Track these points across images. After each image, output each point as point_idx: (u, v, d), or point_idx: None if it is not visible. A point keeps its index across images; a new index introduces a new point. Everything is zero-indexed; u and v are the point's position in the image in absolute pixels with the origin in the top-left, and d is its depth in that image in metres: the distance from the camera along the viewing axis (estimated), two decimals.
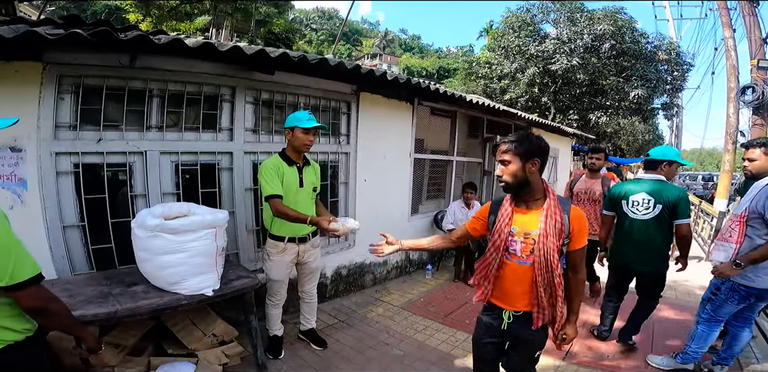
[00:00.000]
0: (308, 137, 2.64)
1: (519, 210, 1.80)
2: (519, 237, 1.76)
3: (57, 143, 2.38)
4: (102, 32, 2.05)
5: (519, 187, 1.73)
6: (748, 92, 6.98)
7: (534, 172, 1.70)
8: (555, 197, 1.75)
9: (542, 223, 1.70)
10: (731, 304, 2.59)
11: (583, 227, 1.77)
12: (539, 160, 1.70)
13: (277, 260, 2.76)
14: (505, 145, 1.73)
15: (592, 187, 4.12)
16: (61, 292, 2.11)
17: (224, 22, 19.36)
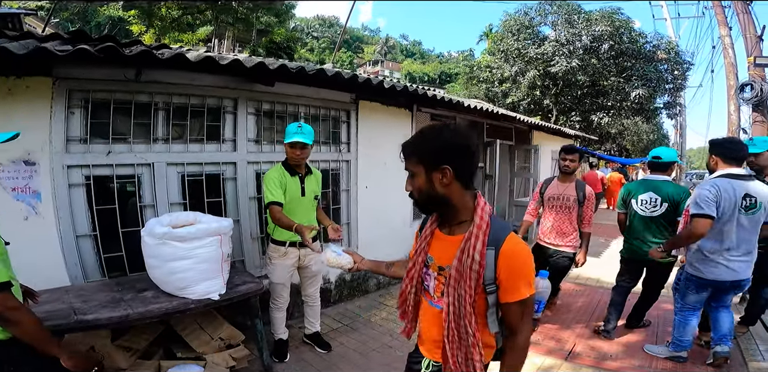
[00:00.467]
0: (294, 151, 2.69)
1: (441, 234, 1.32)
2: (434, 271, 1.31)
3: (69, 156, 2.50)
4: (108, 48, 2.15)
5: (431, 205, 1.27)
6: (747, 89, 7.00)
7: (449, 185, 1.18)
8: (486, 222, 1.20)
9: (455, 259, 1.20)
10: (692, 292, 2.85)
11: (518, 271, 1.17)
12: (452, 166, 1.16)
13: (278, 264, 2.86)
14: (406, 149, 1.26)
15: (565, 193, 3.53)
16: (75, 297, 2.22)
17: (226, 32, 19.66)
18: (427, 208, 1.32)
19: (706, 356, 3.04)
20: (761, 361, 3.02)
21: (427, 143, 1.20)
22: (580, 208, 3.48)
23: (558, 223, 3.54)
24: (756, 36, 7.01)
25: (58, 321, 1.96)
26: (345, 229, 4.22)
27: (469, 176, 1.22)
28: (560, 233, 3.53)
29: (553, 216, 3.57)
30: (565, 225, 3.53)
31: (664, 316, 3.84)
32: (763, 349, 3.20)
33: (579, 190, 3.49)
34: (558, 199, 3.56)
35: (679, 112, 17.04)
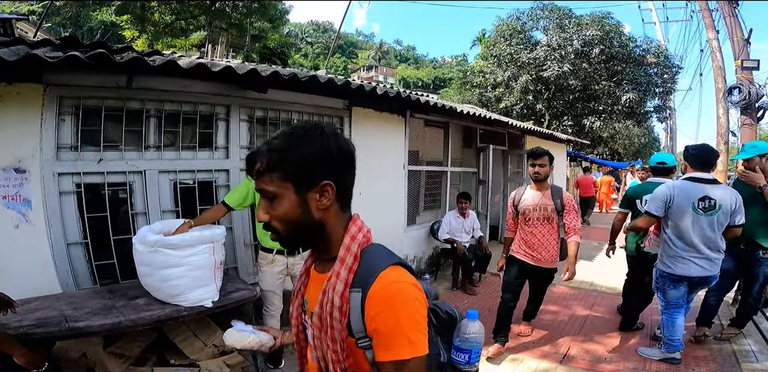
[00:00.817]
0: None
1: (314, 272, 0.99)
2: (309, 317, 0.94)
3: (59, 164, 2.49)
4: (99, 55, 2.14)
5: (301, 238, 0.91)
6: (735, 92, 7.09)
7: (328, 208, 0.87)
8: (354, 254, 0.87)
9: (317, 304, 0.87)
10: (669, 289, 2.96)
11: (392, 322, 0.78)
12: (334, 182, 0.86)
13: (267, 271, 2.87)
14: (260, 160, 0.84)
15: (542, 202, 3.12)
16: (67, 305, 2.21)
17: (219, 37, 19.69)
18: (296, 243, 0.94)
19: (699, 358, 3.09)
20: (755, 363, 3.04)
21: (300, 150, 0.83)
22: (561, 218, 3.14)
23: (539, 237, 3.14)
24: (743, 39, 7.12)
25: (49, 328, 1.94)
26: None
27: (350, 194, 0.96)
28: (540, 247, 3.13)
29: (533, 229, 3.14)
30: (546, 238, 3.13)
31: None
32: (756, 350, 3.23)
33: (556, 197, 3.12)
34: (535, 211, 3.13)
35: (669, 115, 17.27)
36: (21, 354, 1.63)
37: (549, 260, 3.15)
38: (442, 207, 6.02)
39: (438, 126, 6.00)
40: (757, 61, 6.98)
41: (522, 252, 3.19)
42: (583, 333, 3.62)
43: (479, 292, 4.79)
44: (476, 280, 5.07)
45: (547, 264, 3.16)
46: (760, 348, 3.26)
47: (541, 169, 3.07)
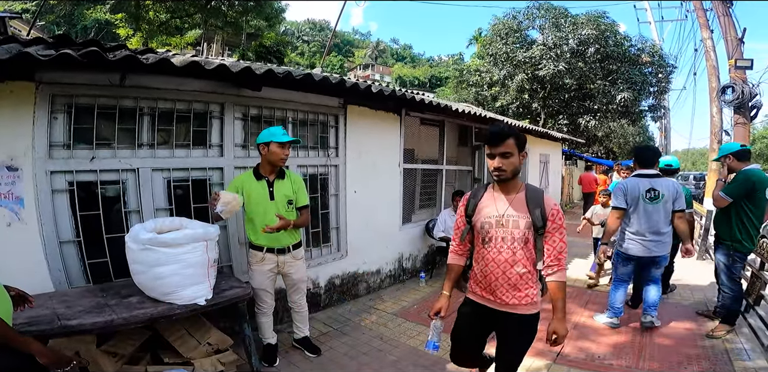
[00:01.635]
0: (284, 151, 2.76)
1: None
2: None
3: (52, 162, 2.48)
4: (91, 53, 2.14)
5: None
6: (728, 92, 7.13)
7: None
8: None
9: None
10: (620, 265, 3.65)
11: None
12: None
13: (256, 269, 2.87)
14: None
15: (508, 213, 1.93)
16: (59, 303, 2.21)
17: (215, 36, 19.60)
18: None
19: (692, 356, 3.13)
20: (747, 361, 3.05)
21: None
22: (539, 237, 1.90)
23: (503, 270, 1.93)
24: (737, 38, 7.15)
25: (42, 326, 1.94)
26: (334, 233, 4.22)
27: None
28: (506, 286, 1.94)
29: (495, 256, 1.93)
30: (514, 273, 1.92)
31: None
32: (749, 348, 3.25)
33: (532, 203, 1.90)
34: (499, 226, 1.91)
35: (664, 114, 17.32)
36: (43, 353, 1.57)
37: (523, 304, 1.95)
38: (438, 205, 6.03)
39: (433, 124, 6.01)
40: (750, 61, 7.02)
41: (479, 290, 2.05)
42: (577, 331, 3.64)
43: None
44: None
45: (523, 308, 1.97)
46: (752, 346, 3.28)
47: (504, 161, 1.83)
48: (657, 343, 3.40)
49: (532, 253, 1.91)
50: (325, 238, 4.15)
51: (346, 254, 4.30)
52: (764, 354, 3.09)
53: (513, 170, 1.87)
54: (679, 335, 3.55)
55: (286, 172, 2.95)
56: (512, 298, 1.94)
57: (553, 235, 1.90)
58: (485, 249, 1.96)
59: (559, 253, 1.90)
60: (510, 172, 1.86)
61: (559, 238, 1.90)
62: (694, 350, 3.25)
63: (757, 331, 3.42)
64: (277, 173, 2.88)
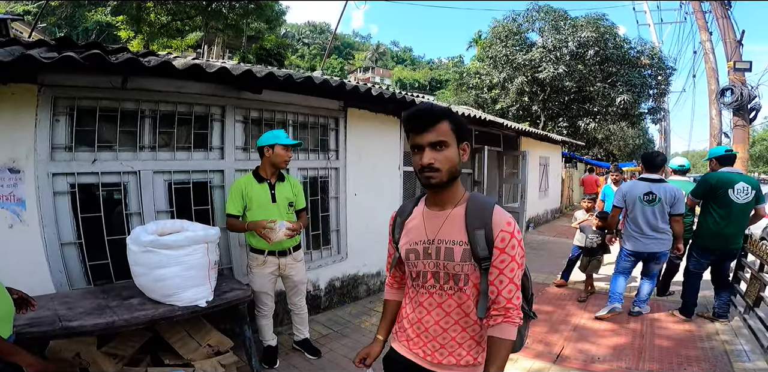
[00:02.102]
0: (288, 153, 2.80)
1: None
2: None
3: (53, 164, 2.49)
4: (94, 55, 2.15)
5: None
6: (728, 94, 7.14)
7: None
8: None
9: None
10: (622, 260, 3.98)
11: None
12: None
13: (257, 272, 2.88)
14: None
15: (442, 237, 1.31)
16: (60, 305, 2.21)
17: (216, 38, 19.63)
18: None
19: (692, 357, 3.14)
20: (746, 362, 3.06)
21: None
22: (484, 273, 1.28)
23: (436, 315, 1.37)
24: (735, 41, 7.16)
25: (43, 328, 1.95)
26: (334, 236, 4.23)
27: None
28: (442, 338, 1.37)
29: (424, 298, 1.39)
30: (449, 319, 1.35)
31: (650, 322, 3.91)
32: (748, 349, 3.25)
33: (474, 222, 1.28)
34: (427, 256, 1.34)
35: (663, 117, 17.32)
36: (29, 364, 1.56)
37: (461, 365, 1.36)
38: None
39: None
40: (749, 63, 7.03)
41: (405, 340, 1.47)
42: (577, 333, 3.65)
43: None
44: None
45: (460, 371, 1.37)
46: (752, 347, 3.28)
47: (436, 154, 1.24)
48: (657, 345, 3.40)
49: (471, 300, 1.30)
50: (326, 241, 4.15)
51: (346, 256, 4.30)
52: (764, 355, 3.10)
53: (450, 170, 1.24)
54: (678, 337, 3.56)
55: (285, 174, 2.97)
56: (446, 357, 1.35)
57: (501, 272, 1.23)
58: (413, 288, 1.40)
59: (509, 299, 1.24)
60: (446, 172, 1.23)
61: (510, 278, 1.23)
62: (693, 351, 3.26)
63: (757, 333, 3.42)
64: (278, 176, 2.90)
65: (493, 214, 1.27)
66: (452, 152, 1.24)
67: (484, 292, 1.27)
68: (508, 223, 1.26)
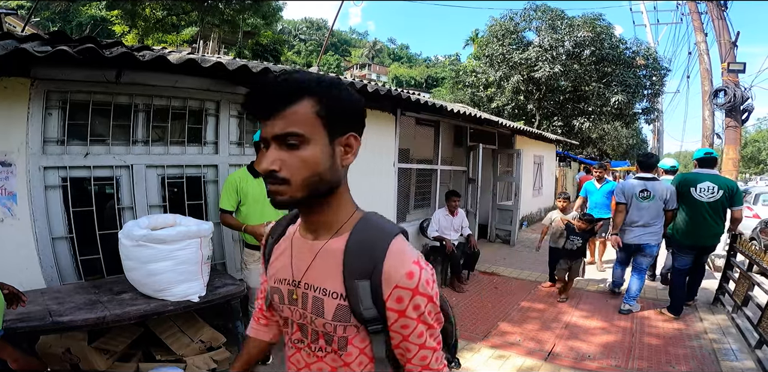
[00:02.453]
0: None
1: None
2: None
3: (45, 158, 2.47)
4: (88, 49, 2.14)
5: None
6: (720, 95, 7.18)
7: None
8: None
9: None
10: (621, 253, 4.39)
11: None
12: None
13: (253, 268, 2.87)
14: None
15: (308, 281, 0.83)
16: (51, 300, 2.20)
17: (211, 33, 19.50)
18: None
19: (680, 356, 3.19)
20: (734, 361, 3.08)
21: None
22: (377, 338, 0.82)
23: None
24: (730, 42, 7.20)
25: (33, 323, 1.94)
26: None
27: None
28: None
29: (291, 352, 0.93)
30: None
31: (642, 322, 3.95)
32: (736, 348, 3.28)
33: (355, 265, 0.78)
34: (292, 301, 0.88)
35: (657, 117, 17.46)
36: (14, 359, 1.56)
37: None
38: (432, 205, 6.05)
39: (429, 125, 6.02)
40: (743, 64, 7.08)
41: None
42: (568, 331, 3.67)
43: (467, 290, 4.83)
44: (464, 278, 5.10)
45: None
46: (740, 346, 3.31)
47: (284, 155, 0.74)
48: (646, 343, 3.43)
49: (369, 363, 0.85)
50: None
51: None
52: (751, 354, 3.12)
53: (310, 182, 0.76)
54: (667, 335, 3.59)
55: None
56: None
57: (405, 338, 0.80)
58: (286, 336, 0.96)
59: (425, 365, 0.82)
60: (300, 185, 0.75)
61: (419, 344, 0.80)
62: (682, 350, 3.29)
63: (745, 332, 3.45)
64: None
65: (387, 256, 0.77)
66: (314, 152, 0.75)
67: (380, 359, 0.84)
68: (409, 273, 0.76)
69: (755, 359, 3.03)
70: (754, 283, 3.52)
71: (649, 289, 4.77)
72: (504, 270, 5.64)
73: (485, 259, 6.00)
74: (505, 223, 7.70)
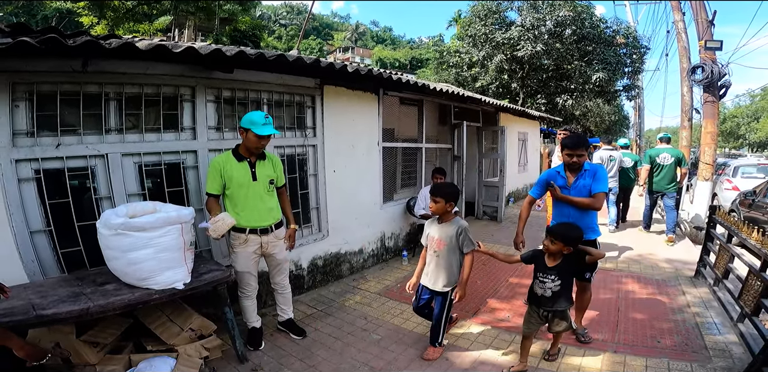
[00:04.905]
0: (261, 141, 2.73)
1: None
2: None
3: (15, 150, 2.39)
4: (50, 39, 2.06)
5: None
6: (698, 71, 7.23)
7: None
8: None
9: None
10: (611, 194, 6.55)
11: None
12: None
13: (240, 252, 2.86)
14: None
15: None
16: (34, 294, 2.17)
17: (186, 21, 18.91)
18: None
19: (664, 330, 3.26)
20: (716, 335, 3.14)
21: None
22: None
23: None
24: (707, 20, 7.23)
25: (17, 317, 1.91)
26: (314, 213, 4.22)
27: None
28: None
29: None
30: None
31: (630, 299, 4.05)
32: (719, 322, 3.34)
33: None
34: None
35: (638, 94, 17.59)
36: (20, 347, 1.62)
37: None
38: (418, 183, 6.08)
39: (412, 104, 6.01)
40: (720, 42, 7.12)
41: None
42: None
43: None
44: None
45: None
46: (722, 320, 3.37)
47: None
48: (631, 318, 3.50)
49: None
50: (306, 219, 4.14)
51: (327, 234, 4.31)
52: (734, 328, 3.17)
53: None
54: (651, 309, 3.67)
55: (266, 153, 2.93)
56: None
57: None
58: None
59: None
60: None
61: None
62: (666, 324, 3.36)
63: (726, 305, 3.49)
64: (258, 154, 2.85)
65: None
66: None
67: None
68: None
69: (738, 333, 3.08)
70: (734, 255, 3.56)
71: None
72: (492, 246, 5.68)
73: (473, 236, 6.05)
74: (492, 200, 7.78)
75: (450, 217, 2.84)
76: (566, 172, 3.09)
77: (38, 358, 1.67)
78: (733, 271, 3.59)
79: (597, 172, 2.98)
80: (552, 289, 2.58)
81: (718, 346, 2.98)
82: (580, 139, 3.02)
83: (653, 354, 2.90)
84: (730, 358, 2.82)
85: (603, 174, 3.00)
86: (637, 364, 2.78)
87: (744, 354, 2.84)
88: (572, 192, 3.01)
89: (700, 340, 3.09)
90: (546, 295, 2.60)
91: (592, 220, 3.04)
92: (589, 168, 3.01)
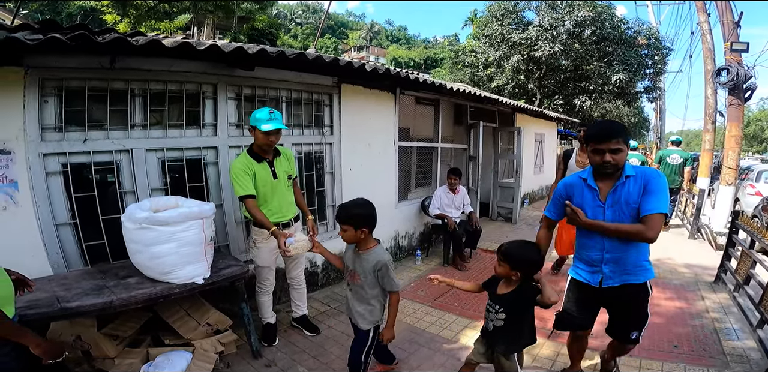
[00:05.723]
0: (269, 138, 2.69)
1: None
2: None
3: (44, 145, 2.45)
4: (80, 36, 2.10)
5: None
6: (723, 74, 7.08)
7: None
8: None
9: None
10: None
11: None
12: None
13: (263, 247, 2.88)
14: None
15: None
16: (58, 286, 2.22)
17: (205, 20, 19.15)
18: None
19: (682, 335, 3.17)
20: (735, 341, 3.08)
21: None
22: None
23: None
24: (733, 22, 7.08)
25: (41, 309, 1.95)
26: (330, 211, 4.24)
27: None
28: None
29: None
30: None
31: None
32: (738, 328, 3.27)
33: None
34: None
35: (659, 96, 17.26)
36: (36, 344, 1.56)
37: None
38: (434, 183, 6.07)
39: (428, 103, 5.99)
40: (746, 44, 6.97)
41: None
42: None
43: (470, 268, 4.87)
44: (467, 256, 5.15)
45: None
46: (741, 326, 3.31)
47: None
48: (648, 322, 3.43)
49: None
50: (321, 216, 4.16)
51: None
52: (753, 334, 3.12)
53: None
54: (669, 313, 3.60)
55: (279, 148, 2.95)
56: None
57: None
58: None
59: None
60: None
61: None
62: (684, 329, 3.30)
63: (746, 311, 3.43)
64: (274, 151, 2.88)
65: None
66: None
67: None
68: None
69: (756, 339, 3.03)
70: (756, 261, 3.50)
71: None
72: None
73: (487, 237, 6.03)
74: (507, 201, 7.72)
75: (368, 245, 2.25)
76: (596, 180, 2.06)
77: (55, 356, 1.59)
78: (754, 277, 3.52)
79: (650, 180, 1.95)
80: (494, 323, 2.12)
81: (736, 352, 2.93)
82: (614, 127, 1.97)
83: (670, 358, 2.86)
84: (747, 364, 2.77)
85: (660, 183, 1.96)
86: (653, 368, 2.75)
87: (762, 359, 2.79)
88: (608, 212, 2.01)
89: (717, 345, 3.04)
90: (488, 327, 2.18)
91: (644, 255, 2.09)
92: (635, 173, 1.99)
